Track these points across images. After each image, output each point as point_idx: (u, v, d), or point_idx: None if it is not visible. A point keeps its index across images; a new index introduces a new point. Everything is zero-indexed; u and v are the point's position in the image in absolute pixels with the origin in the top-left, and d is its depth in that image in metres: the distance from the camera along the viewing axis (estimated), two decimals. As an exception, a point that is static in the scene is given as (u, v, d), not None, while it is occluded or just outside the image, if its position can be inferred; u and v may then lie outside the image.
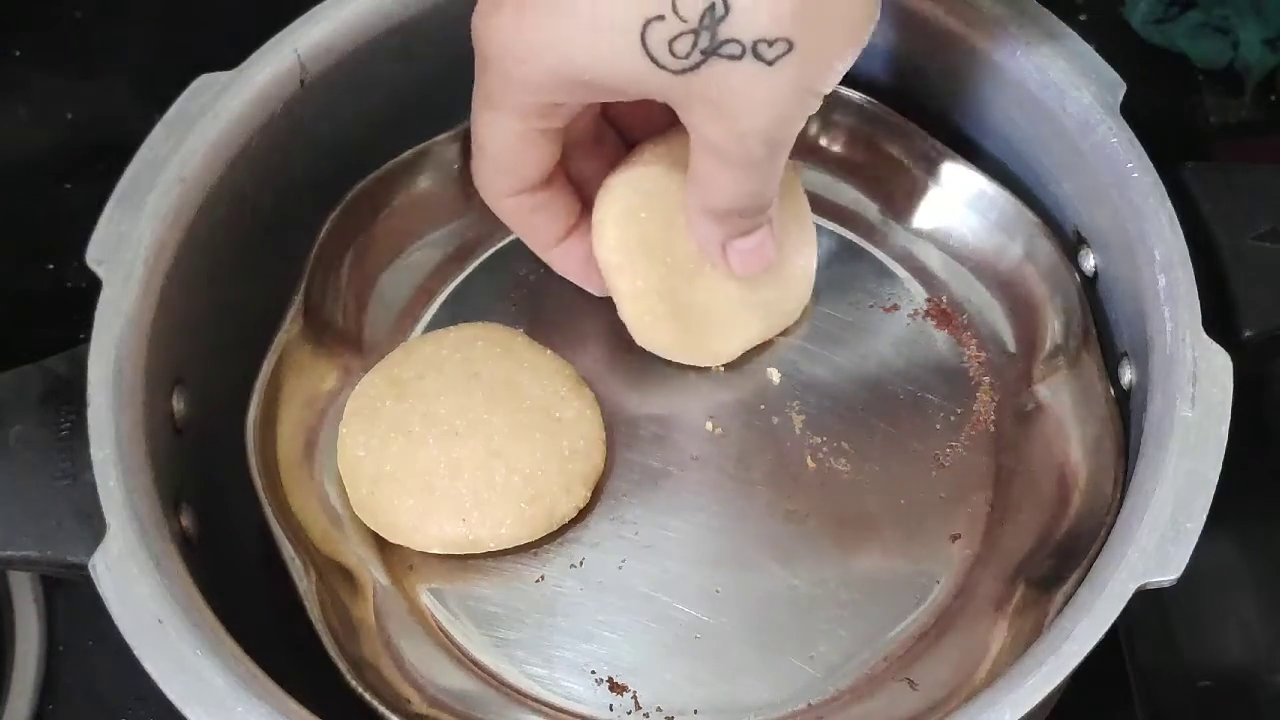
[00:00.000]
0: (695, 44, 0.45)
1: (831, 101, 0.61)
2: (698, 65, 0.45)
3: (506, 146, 0.51)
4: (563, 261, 0.57)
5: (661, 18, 0.44)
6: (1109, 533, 0.48)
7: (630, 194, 0.54)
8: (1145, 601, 0.45)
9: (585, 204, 0.56)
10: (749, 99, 0.46)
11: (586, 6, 0.45)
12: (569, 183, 0.55)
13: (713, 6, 0.44)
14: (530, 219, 0.55)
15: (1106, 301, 0.56)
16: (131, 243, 0.51)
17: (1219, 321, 0.50)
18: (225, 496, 0.53)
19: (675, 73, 0.45)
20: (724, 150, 0.48)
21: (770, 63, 0.45)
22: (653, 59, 0.45)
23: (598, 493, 0.55)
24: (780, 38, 0.44)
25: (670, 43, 0.45)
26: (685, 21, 0.44)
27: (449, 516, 0.53)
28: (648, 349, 0.57)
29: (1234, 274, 0.54)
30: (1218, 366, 0.49)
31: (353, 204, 0.58)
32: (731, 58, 0.45)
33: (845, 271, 0.60)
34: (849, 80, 0.61)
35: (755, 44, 0.44)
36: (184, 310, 0.53)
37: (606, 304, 0.57)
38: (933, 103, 0.61)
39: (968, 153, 0.60)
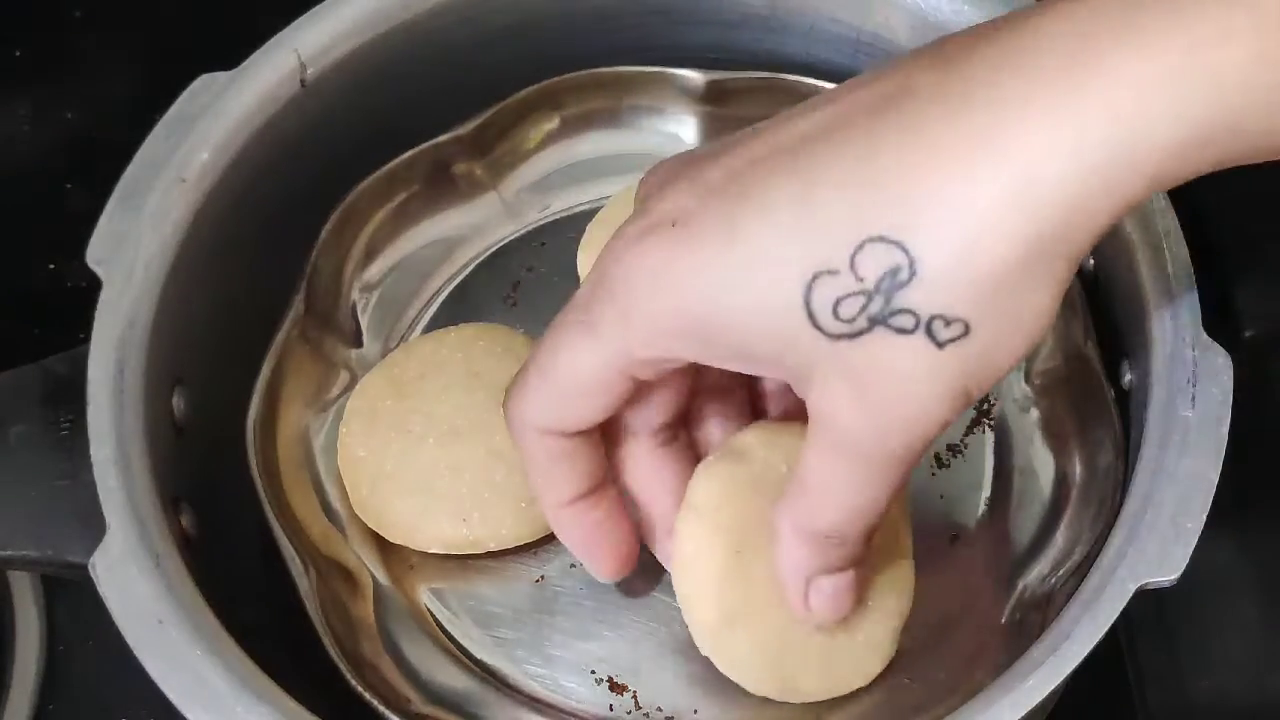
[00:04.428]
0: (865, 308, 0.38)
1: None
2: (859, 334, 0.38)
3: (583, 384, 0.43)
4: (570, 526, 0.48)
5: (835, 273, 0.38)
6: (1109, 533, 0.48)
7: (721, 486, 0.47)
8: (1145, 601, 0.45)
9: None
10: (905, 383, 0.38)
11: (751, 242, 0.39)
12: (601, 442, 0.47)
13: (897, 269, 0.37)
14: (551, 465, 0.46)
15: (1106, 301, 0.56)
16: (131, 243, 0.51)
17: (1219, 321, 0.50)
18: (225, 496, 0.53)
19: (831, 338, 0.38)
20: (855, 444, 0.40)
21: (940, 345, 0.38)
22: (811, 317, 0.38)
23: (598, 493, 0.55)
24: (959, 318, 0.37)
25: (837, 303, 0.38)
26: (861, 280, 0.37)
27: (449, 516, 0.52)
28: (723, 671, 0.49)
29: (1234, 274, 0.54)
30: (1218, 366, 0.49)
31: (353, 204, 0.58)
32: (901, 330, 0.38)
33: (845, 271, 0.60)
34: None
35: (931, 320, 0.37)
36: (184, 310, 0.52)
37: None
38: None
39: (968, 153, 0.60)
